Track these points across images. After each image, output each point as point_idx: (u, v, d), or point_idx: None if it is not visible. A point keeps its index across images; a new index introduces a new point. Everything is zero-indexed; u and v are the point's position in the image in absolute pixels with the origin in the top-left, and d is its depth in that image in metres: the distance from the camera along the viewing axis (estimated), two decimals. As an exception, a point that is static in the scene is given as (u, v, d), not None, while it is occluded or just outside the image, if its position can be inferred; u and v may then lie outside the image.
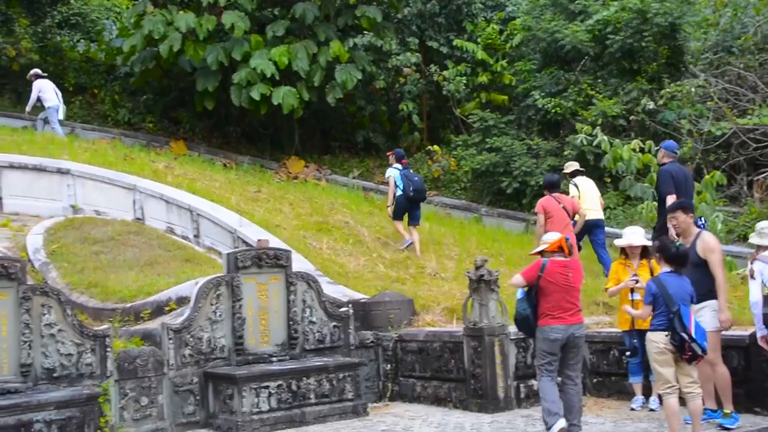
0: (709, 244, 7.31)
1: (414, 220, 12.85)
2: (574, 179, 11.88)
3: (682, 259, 6.80)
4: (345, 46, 18.30)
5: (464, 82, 18.73)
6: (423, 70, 19.76)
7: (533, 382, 8.72)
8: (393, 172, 12.81)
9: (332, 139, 20.77)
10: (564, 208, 10.53)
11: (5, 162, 14.17)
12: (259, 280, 8.92)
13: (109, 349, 7.93)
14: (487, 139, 17.27)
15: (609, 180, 15.28)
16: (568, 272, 7.06)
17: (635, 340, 8.08)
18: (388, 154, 13.47)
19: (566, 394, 7.08)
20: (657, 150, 11.04)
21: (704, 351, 6.61)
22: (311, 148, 20.29)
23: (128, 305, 9.99)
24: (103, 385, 7.82)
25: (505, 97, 19.04)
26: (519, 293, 7.41)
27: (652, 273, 7.93)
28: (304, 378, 8.48)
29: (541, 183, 13.89)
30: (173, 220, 13.60)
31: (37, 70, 17.99)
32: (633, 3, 16.42)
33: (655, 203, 12.38)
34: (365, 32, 18.75)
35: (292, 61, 17.82)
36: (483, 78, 18.98)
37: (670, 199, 9.43)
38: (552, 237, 7.36)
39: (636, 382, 8.38)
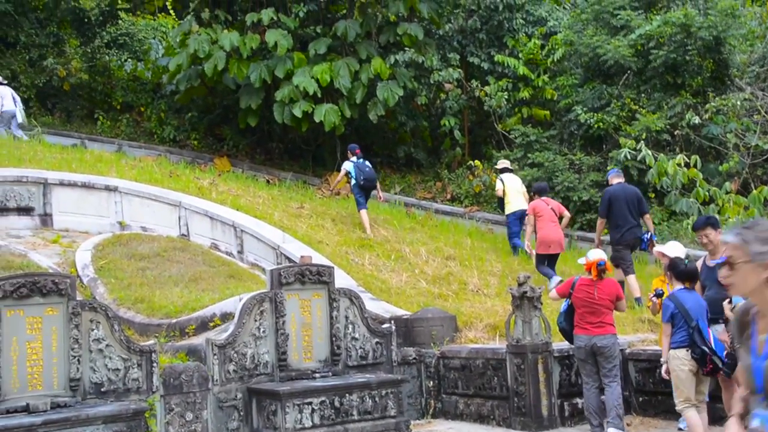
0: None
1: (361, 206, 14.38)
2: (501, 175, 14.00)
3: (691, 275, 7.22)
4: (386, 62, 18.42)
5: (506, 97, 18.70)
6: (464, 85, 19.77)
7: (578, 400, 8.67)
8: (348, 165, 14.51)
9: (374, 155, 20.80)
10: (552, 209, 12.07)
11: (56, 179, 14.49)
12: (302, 297, 8.98)
13: (155, 365, 8.04)
14: (529, 155, 17.19)
15: (653, 195, 15.10)
16: (593, 291, 7.94)
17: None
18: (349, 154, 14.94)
19: (604, 396, 8.04)
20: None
21: (725, 364, 6.81)
22: (353, 164, 20.39)
23: (174, 321, 10.12)
24: (149, 400, 7.92)
25: (547, 112, 18.96)
26: (563, 306, 7.99)
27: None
28: (347, 394, 8.50)
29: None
30: (217, 236, 13.79)
31: None
32: (676, 17, 16.21)
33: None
34: (406, 48, 18.84)
35: (334, 78, 17.98)
36: (524, 93, 18.95)
37: (599, 223, 11.32)
38: (592, 256, 7.96)
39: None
